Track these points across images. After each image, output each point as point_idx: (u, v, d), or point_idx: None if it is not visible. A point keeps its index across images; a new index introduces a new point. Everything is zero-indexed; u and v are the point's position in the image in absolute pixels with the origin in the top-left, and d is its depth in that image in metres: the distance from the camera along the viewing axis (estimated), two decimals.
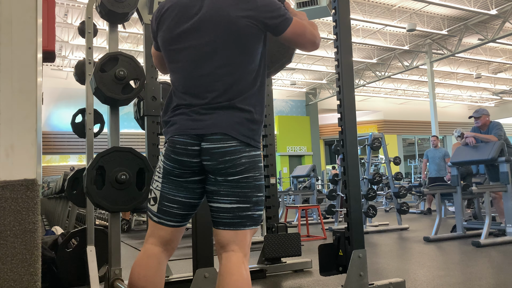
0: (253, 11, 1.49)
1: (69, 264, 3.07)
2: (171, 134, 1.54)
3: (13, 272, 1.11)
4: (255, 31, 1.51)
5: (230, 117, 1.50)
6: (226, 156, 1.48)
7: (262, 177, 1.55)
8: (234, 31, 1.49)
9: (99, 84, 2.48)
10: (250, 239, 1.55)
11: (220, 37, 1.50)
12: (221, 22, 1.49)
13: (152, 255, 1.56)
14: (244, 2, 1.50)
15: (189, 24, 1.53)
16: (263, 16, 1.50)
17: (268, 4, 1.51)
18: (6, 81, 1.17)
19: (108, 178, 2.33)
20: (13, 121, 1.16)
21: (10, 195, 1.12)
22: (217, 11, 1.50)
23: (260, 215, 1.56)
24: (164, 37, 1.59)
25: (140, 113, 3.14)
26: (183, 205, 1.57)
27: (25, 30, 1.21)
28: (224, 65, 1.51)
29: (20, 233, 1.13)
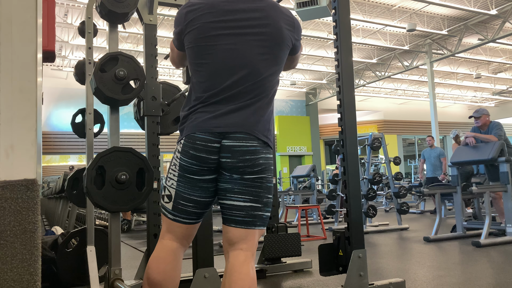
0: (292, 27, 1.64)
1: (69, 264, 3.07)
2: (191, 130, 1.55)
3: (13, 272, 1.11)
4: (290, 45, 1.65)
5: (252, 116, 1.53)
6: (247, 155, 1.50)
7: (272, 179, 1.61)
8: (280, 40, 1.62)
9: (99, 84, 2.48)
10: (258, 239, 1.58)
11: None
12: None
13: (169, 250, 1.59)
14: (289, 19, 1.65)
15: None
16: (296, 36, 1.67)
17: (299, 27, 1.70)
18: (6, 81, 1.17)
19: (108, 178, 2.33)
20: (13, 121, 1.16)
21: (10, 195, 1.12)
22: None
23: (268, 217, 1.60)
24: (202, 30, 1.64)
25: (140, 113, 3.14)
26: (198, 204, 1.59)
27: (25, 30, 1.21)
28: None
29: (20, 233, 1.13)
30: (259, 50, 1.56)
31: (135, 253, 4.90)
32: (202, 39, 1.57)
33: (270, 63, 1.58)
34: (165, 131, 3.27)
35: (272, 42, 1.57)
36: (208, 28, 1.56)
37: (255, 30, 1.56)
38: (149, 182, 2.43)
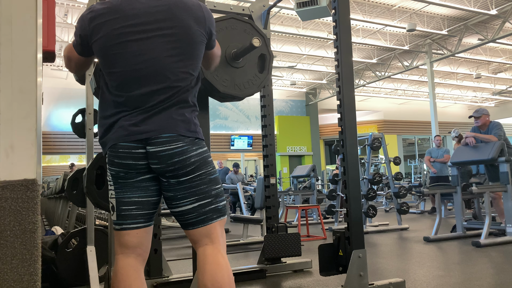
0: (201, 22, 1.61)
1: (69, 264, 3.07)
2: (113, 142, 1.53)
3: (13, 272, 1.11)
4: (204, 39, 1.63)
5: (172, 116, 1.51)
6: (175, 158, 1.48)
7: (215, 170, 1.60)
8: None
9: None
10: (221, 230, 1.57)
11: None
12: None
13: (125, 266, 1.53)
14: (197, 13, 1.62)
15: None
16: (208, 30, 1.63)
17: (211, 20, 1.66)
18: (6, 81, 1.17)
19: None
20: (13, 121, 1.16)
21: (10, 195, 1.12)
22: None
23: (225, 205, 1.60)
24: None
25: None
26: (141, 205, 1.55)
27: (25, 30, 1.21)
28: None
29: (20, 233, 1.13)
30: (169, 53, 1.52)
31: None
32: (109, 48, 1.52)
33: (183, 64, 1.54)
34: None
35: (181, 43, 1.54)
36: (114, 36, 1.51)
37: (162, 32, 1.52)
38: None
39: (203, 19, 1.59)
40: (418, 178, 17.55)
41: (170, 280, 3.00)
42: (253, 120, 18.92)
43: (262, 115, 3.73)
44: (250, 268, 3.42)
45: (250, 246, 5.07)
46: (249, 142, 18.31)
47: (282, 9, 11.63)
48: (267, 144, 3.71)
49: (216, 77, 2.26)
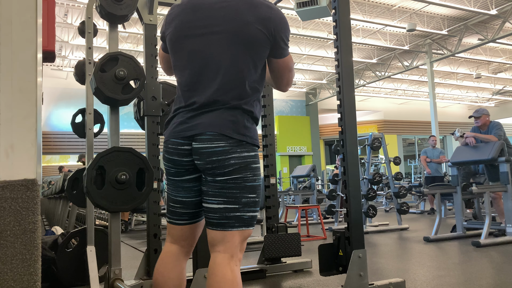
0: (265, 24, 1.50)
1: (69, 264, 3.07)
2: (166, 137, 1.59)
3: (13, 272, 1.11)
4: (264, 43, 1.52)
5: (221, 115, 1.49)
6: (214, 157, 1.47)
7: (255, 178, 1.52)
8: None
9: (99, 84, 2.48)
10: (240, 240, 1.50)
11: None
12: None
13: (168, 253, 1.64)
14: (263, 14, 1.53)
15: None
16: (273, 33, 1.51)
17: (280, 24, 1.54)
18: (6, 81, 1.17)
19: (108, 178, 2.33)
20: (13, 121, 1.16)
21: (10, 195, 1.12)
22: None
23: (253, 216, 1.53)
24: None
25: (140, 113, 3.14)
26: (184, 204, 1.60)
27: (25, 30, 1.21)
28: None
29: (20, 233, 1.13)
30: (224, 50, 1.49)
31: (135, 253, 4.90)
32: (173, 43, 1.57)
33: (238, 63, 1.49)
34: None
35: (236, 40, 1.48)
36: (178, 30, 1.55)
37: (219, 28, 1.49)
38: (149, 182, 2.43)
39: (268, 19, 1.49)
40: (418, 178, 17.55)
41: None
42: None
43: (262, 115, 3.73)
44: (250, 268, 3.42)
45: (250, 246, 5.07)
46: None
47: (282, 9, 11.63)
48: (267, 144, 3.71)
49: None
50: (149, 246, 2.97)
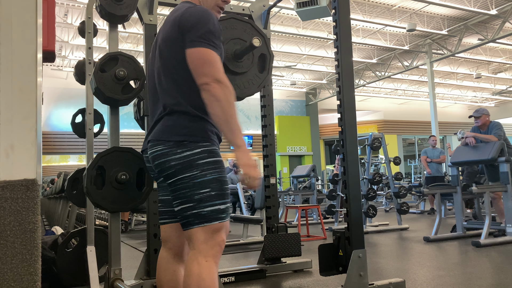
0: (176, 22, 1.62)
1: (69, 264, 3.07)
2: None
3: (13, 272, 1.11)
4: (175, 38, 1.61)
5: (161, 125, 1.61)
6: (155, 161, 1.59)
7: (205, 173, 1.52)
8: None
9: (99, 84, 2.48)
10: (205, 236, 1.50)
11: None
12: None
13: (160, 256, 1.74)
14: (177, 15, 1.64)
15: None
16: (178, 29, 1.60)
17: (185, 19, 1.60)
18: (6, 81, 1.17)
19: (108, 178, 2.33)
20: (13, 121, 1.16)
21: (10, 195, 1.12)
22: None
23: (214, 210, 1.52)
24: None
25: (140, 113, 3.14)
26: (163, 203, 1.74)
27: (25, 30, 1.21)
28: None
29: (20, 233, 1.12)
30: (159, 65, 1.66)
31: (135, 253, 4.89)
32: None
33: (168, 72, 1.62)
34: None
35: (162, 45, 1.64)
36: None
37: (160, 43, 1.67)
38: (149, 182, 2.43)
39: (178, 17, 1.59)
40: (418, 178, 17.55)
41: None
42: (253, 120, 18.91)
43: (262, 115, 3.73)
44: (250, 268, 3.42)
45: (250, 246, 5.07)
46: (249, 142, 18.30)
47: (282, 9, 11.63)
48: (267, 144, 3.71)
49: None
50: (149, 246, 2.97)
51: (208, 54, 1.52)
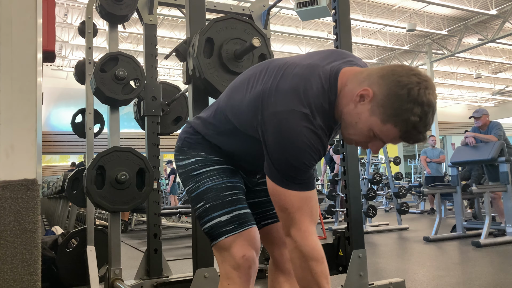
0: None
1: (69, 264, 3.08)
2: None
3: (13, 272, 1.11)
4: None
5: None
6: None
7: (198, 185, 1.33)
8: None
9: (99, 84, 2.49)
10: (218, 257, 1.32)
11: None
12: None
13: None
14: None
15: None
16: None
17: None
18: (6, 81, 1.17)
19: (108, 178, 2.33)
20: (13, 121, 1.16)
21: (10, 195, 1.12)
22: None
23: (212, 227, 1.30)
24: None
25: (140, 113, 3.14)
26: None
27: (25, 30, 1.21)
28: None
29: (20, 233, 1.13)
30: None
31: (135, 253, 4.89)
32: None
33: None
34: (165, 131, 3.27)
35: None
36: None
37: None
38: (149, 182, 2.43)
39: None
40: (418, 178, 17.54)
41: (170, 280, 2.99)
42: None
43: None
44: None
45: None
46: None
47: (282, 9, 11.63)
48: None
49: (216, 77, 2.26)
50: (149, 246, 2.97)
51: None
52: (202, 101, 2.50)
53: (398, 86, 1.06)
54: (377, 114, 1.09)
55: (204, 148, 1.37)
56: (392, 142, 1.15)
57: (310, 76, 1.16)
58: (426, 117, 1.06)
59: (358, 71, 1.16)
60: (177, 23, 12.86)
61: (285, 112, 1.12)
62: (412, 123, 1.06)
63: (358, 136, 1.17)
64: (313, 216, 1.19)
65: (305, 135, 1.11)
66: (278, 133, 1.12)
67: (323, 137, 1.16)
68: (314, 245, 1.17)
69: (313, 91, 1.14)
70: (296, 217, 1.16)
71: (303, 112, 1.11)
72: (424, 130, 1.08)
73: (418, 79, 1.07)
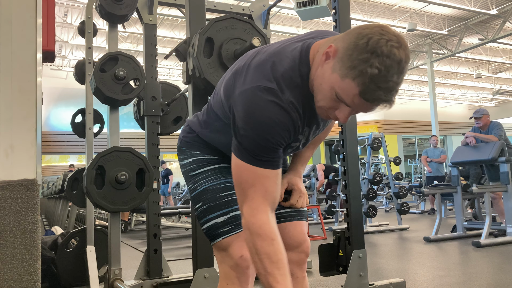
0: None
1: (69, 264, 3.07)
2: None
3: (13, 272, 1.11)
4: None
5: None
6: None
7: (195, 186, 1.33)
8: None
9: (99, 84, 2.48)
10: (217, 257, 1.32)
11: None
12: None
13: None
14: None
15: None
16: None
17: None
18: (6, 81, 1.17)
19: (108, 178, 2.33)
20: (13, 121, 1.16)
21: (10, 195, 1.12)
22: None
23: (209, 227, 1.30)
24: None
25: (140, 113, 3.14)
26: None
27: (25, 30, 1.21)
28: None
29: (20, 233, 1.12)
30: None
31: (135, 253, 4.89)
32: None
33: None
34: (165, 131, 3.26)
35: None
36: None
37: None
38: (149, 182, 2.43)
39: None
40: (418, 178, 17.55)
41: (170, 280, 2.99)
42: None
43: None
44: None
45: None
46: None
47: (282, 9, 11.63)
48: None
49: (216, 77, 2.26)
50: (149, 246, 2.97)
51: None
52: (202, 101, 2.50)
53: (358, 37, 0.98)
54: (337, 70, 1.00)
55: (200, 147, 1.36)
56: (354, 104, 1.02)
57: (281, 52, 1.12)
58: (388, 71, 0.95)
59: (331, 38, 1.09)
60: (177, 23, 12.86)
61: (250, 88, 1.08)
62: (370, 75, 0.95)
63: (324, 101, 1.06)
64: (268, 196, 1.13)
65: (271, 110, 1.06)
66: (244, 110, 1.08)
67: (294, 113, 1.09)
68: (262, 223, 1.11)
69: (281, 65, 1.09)
70: (249, 193, 1.12)
71: (268, 87, 1.06)
72: (385, 86, 0.97)
73: (382, 31, 0.98)
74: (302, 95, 1.10)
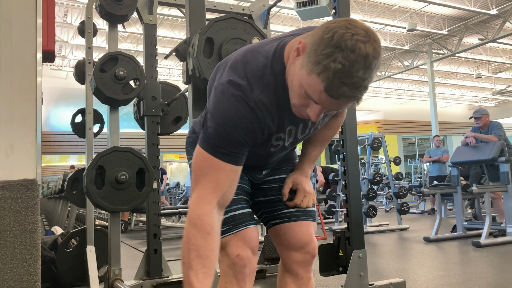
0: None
1: (69, 264, 3.07)
2: None
3: (13, 272, 1.11)
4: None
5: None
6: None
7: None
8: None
9: (99, 84, 2.49)
10: (219, 255, 1.32)
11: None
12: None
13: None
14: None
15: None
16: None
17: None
18: (6, 81, 1.17)
19: (108, 178, 2.33)
20: (13, 121, 1.16)
21: (10, 195, 1.12)
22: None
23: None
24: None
25: (140, 113, 3.14)
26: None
27: (25, 30, 1.21)
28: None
29: (19, 233, 1.12)
30: None
31: (135, 253, 4.89)
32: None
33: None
34: (165, 131, 3.27)
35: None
36: None
37: None
38: (149, 182, 2.43)
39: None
40: (418, 178, 17.54)
41: (170, 280, 2.99)
42: None
43: None
44: None
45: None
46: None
47: (282, 9, 11.63)
48: None
49: None
50: (149, 246, 2.97)
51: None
52: (202, 101, 2.50)
53: (324, 32, 0.95)
54: (304, 66, 0.97)
55: None
56: (322, 101, 0.98)
57: (257, 49, 1.12)
58: (352, 65, 0.91)
59: (304, 34, 1.06)
60: (177, 23, 12.86)
61: (222, 83, 1.09)
62: (333, 70, 0.92)
63: (295, 99, 1.04)
64: (218, 189, 1.11)
65: (236, 105, 1.06)
66: (213, 102, 1.09)
67: (261, 112, 1.08)
68: (202, 213, 1.09)
69: (254, 63, 1.08)
70: (200, 181, 1.11)
71: (238, 83, 1.06)
72: (349, 82, 0.92)
73: (349, 25, 0.94)
74: (277, 93, 1.09)
